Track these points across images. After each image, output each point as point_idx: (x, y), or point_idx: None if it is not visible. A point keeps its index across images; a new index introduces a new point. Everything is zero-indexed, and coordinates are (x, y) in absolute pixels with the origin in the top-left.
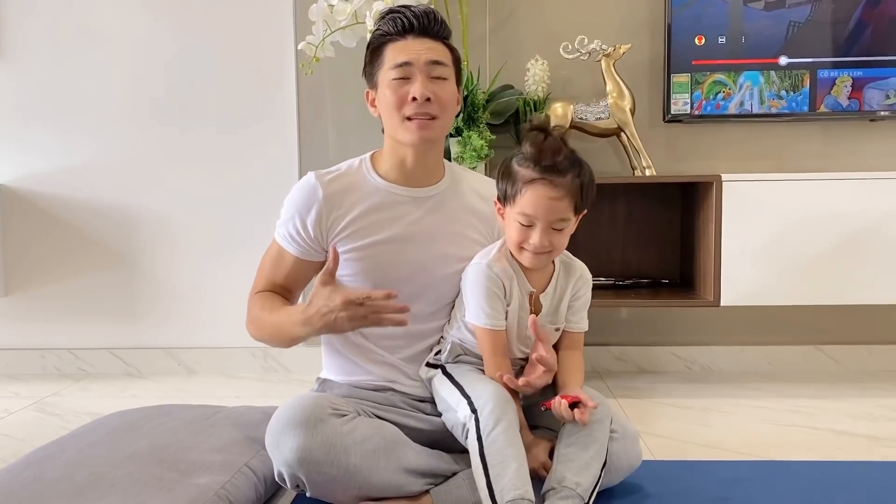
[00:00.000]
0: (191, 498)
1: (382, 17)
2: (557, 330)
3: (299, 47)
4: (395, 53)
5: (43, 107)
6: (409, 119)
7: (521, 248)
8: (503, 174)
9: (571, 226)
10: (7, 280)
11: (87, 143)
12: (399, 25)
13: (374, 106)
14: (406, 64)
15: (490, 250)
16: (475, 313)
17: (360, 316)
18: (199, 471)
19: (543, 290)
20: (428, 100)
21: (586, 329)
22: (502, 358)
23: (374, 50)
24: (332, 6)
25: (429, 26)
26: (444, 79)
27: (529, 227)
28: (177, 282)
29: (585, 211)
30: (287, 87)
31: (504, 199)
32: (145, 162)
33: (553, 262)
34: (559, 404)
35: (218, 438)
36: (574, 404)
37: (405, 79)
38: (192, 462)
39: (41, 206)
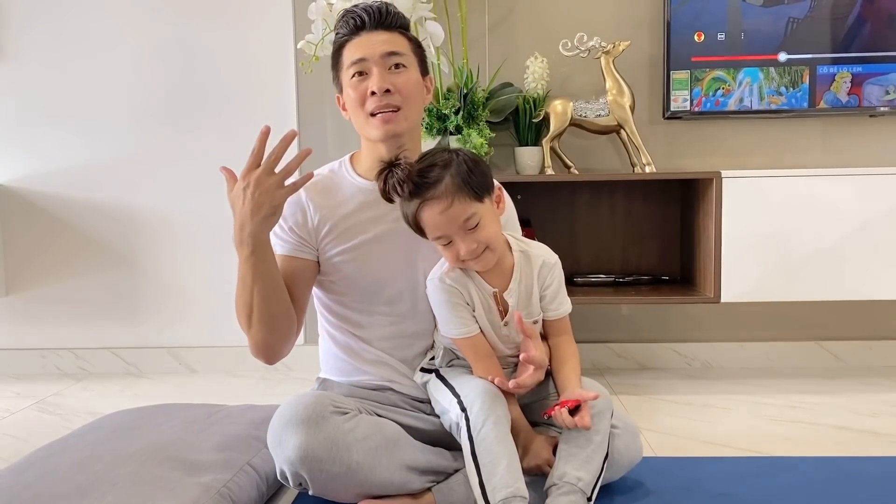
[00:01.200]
0: (193, 497)
1: (340, 20)
2: (535, 322)
3: (298, 46)
4: (351, 52)
5: (44, 107)
6: (372, 115)
7: (461, 262)
8: (404, 216)
9: (488, 212)
10: (8, 280)
11: (88, 143)
12: (352, 24)
13: (344, 109)
14: (361, 60)
15: (442, 262)
16: (444, 327)
17: (265, 174)
18: (200, 469)
19: (507, 288)
20: (388, 91)
21: (569, 310)
22: (489, 360)
23: (335, 53)
24: (331, 4)
25: (381, 20)
26: (404, 67)
27: (450, 243)
28: (177, 281)
29: (496, 190)
30: (287, 86)
31: (422, 233)
32: (145, 162)
33: (511, 254)
34: (560, 414)
35: (220, 437)
36: (574, 409)
37: (363, 74)
38: (193, 461)
39: (42, 206)
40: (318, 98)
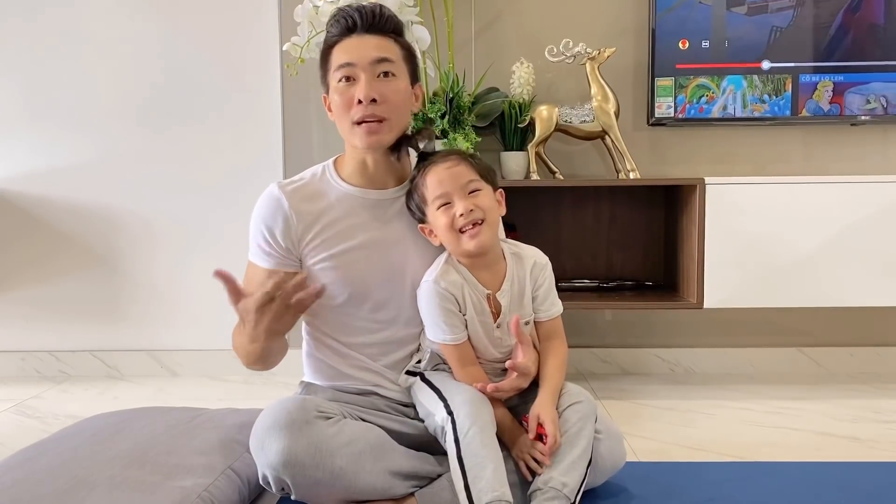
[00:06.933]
0: (174, 501)
1: (331, 19)
2: (527, 324)
3: (284, 48)
4: (339, 54)
5: (24, 107)
6: (357, 124)
7: (457, 232)
8: (408, 196)
9: (490, 194)
10: None
11: (69, 144)
12: (343, 25)
13: (330, 111)
14: (349, 65)
15: (436, 265)
16: (433, 331)
17: (281, 309)
18: (181, 473)
19: (500, 289)
20: (374, 101)
21: (560, 311)
22: (472, 367)
23: (324, 53)
24: (317, 7)
25: (374, 22)
26: (393, 75)
27: (448, 203)
28: (159, 283)
29: (501, 190)
30: (272, 89)
31: (421, 209)
32: (128, 163)
33: (504, 257)
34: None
35: (201, 441)
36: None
37: (350, 80)
38: (174, 465)
39: (21, 206)
40: (304, 101)
